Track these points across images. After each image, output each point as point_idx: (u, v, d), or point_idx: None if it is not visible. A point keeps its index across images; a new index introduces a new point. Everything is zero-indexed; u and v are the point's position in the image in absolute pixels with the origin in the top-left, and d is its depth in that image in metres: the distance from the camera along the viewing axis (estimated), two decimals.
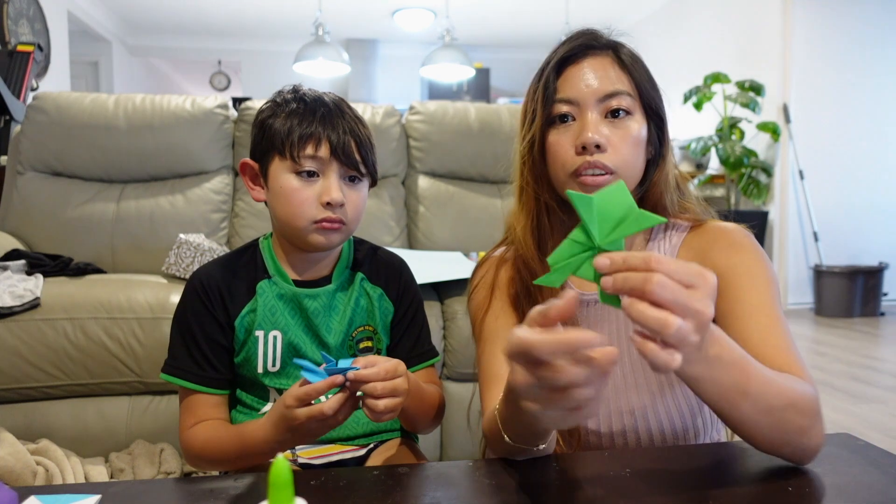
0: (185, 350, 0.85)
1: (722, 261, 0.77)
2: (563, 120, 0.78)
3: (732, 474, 0.67)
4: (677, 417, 0.81)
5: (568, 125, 0.78)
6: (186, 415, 0.85)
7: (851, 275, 4.27)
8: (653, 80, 0.82)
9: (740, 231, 0.81)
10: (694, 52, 5.60)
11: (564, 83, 0.79)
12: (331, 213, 0.82)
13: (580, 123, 0.77)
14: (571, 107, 0.78)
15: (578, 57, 0.80)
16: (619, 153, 0.77)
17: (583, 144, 0.76)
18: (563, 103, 0.78)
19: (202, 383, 0.84)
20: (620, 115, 0.78)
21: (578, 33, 0.82)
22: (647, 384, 0.82)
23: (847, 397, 2.49)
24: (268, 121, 0.85)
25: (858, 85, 4.61)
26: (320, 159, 0.82)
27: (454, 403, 1.61)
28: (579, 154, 0.76)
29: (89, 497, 0.60)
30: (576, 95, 0.78)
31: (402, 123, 2.19)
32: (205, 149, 2.04)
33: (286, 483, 0.35)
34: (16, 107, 2.70)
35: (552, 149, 0.79)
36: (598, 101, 0.77)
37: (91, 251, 1.89)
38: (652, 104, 0.81)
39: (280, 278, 0.89)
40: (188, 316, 0.86)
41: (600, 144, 0.75)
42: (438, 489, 0.64)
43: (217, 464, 0.83)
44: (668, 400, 0.81)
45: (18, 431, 1.40)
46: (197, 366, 0.85)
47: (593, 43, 0.81)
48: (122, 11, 6.48)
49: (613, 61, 0.80)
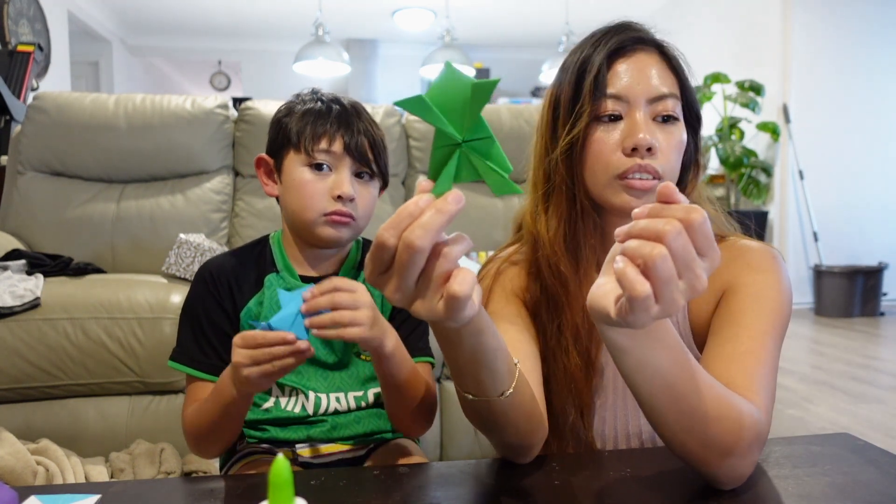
0: (193, 338, 0.86)
1: (736, 277, 0.73)
2: (611, 118, 0.72)
3: None
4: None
5: (615, 124, 0.72)
6: (188, 400, 0.86)
7: (851, 275, 4.27)
8: (692, 82, 0.78)
9: (767, 252, 0.75)
10: (694, 51, 5.53)
11: (613, 78, 0.72)
12: (341, 206, 0.84)
13: (629, 123, 0.71)
14: (620, 104, 0.72)
15: (628, 51, 0.73)
16: (668, 159, 0.72)
17: (634, 146, 0.70)
18: (613, 100, 0.72)
19: (208, 371, 0.85)
20: (670, 120, 0.73)
21: (620, 25, 0.76)
22: None
23: (847, 397, 2.49)
24: (284, 118, 0.88)
25: (858, 85, 4.61)
26: (333, 154, 0.85)
27: (454, 403, 1.61)
28: (628, 156, 0.71)
29: (89, 497, 0.60)
30: (627, 93, 0.72)
31: (402, 123, 2.20)
32: (205, 149, 2.04)
33: (286, 483, 0.35)
34: (16, 107, 2.70)
35: (596, 147, 0.72)
36: (648, 101, 0.72)
37: (91, 251, 1.90)
38: (694, 108, 0.77)
39: (287, 273, 0.90)
40: (196, 305, 0.88)
41: (652, 148, 0.70)
42: (438, 489, 0.64)
43: (208, 432, 0.81)
44: None
45: (18, 431, 1.40)
46: (203, 354, 0.86)
47: (642, 36, 0.75)
48: (122, 11, 6.48)
49: (661, 60, 0.75)
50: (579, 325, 0.76)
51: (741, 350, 0.66)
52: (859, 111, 4.61)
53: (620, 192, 0.71)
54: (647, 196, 0.70)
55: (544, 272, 0.78)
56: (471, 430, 1.61)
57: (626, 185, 0.70)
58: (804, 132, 4.54)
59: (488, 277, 0.84)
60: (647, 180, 0.70)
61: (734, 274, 0.73)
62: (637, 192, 0.70)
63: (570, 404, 0.77)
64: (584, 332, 0.77)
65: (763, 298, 0.70)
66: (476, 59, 7.14)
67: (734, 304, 0.71)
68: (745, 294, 0.71)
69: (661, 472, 0.66)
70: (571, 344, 0.76)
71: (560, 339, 0.77)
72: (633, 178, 0.70)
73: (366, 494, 0.62)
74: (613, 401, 0.79)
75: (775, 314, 0.70)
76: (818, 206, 4.56)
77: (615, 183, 0.71)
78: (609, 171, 0.72)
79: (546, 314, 0.78)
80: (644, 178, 0.70)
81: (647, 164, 0.70)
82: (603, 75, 0.72)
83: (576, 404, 0.77)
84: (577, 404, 0.77)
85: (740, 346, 0.67)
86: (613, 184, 0.72)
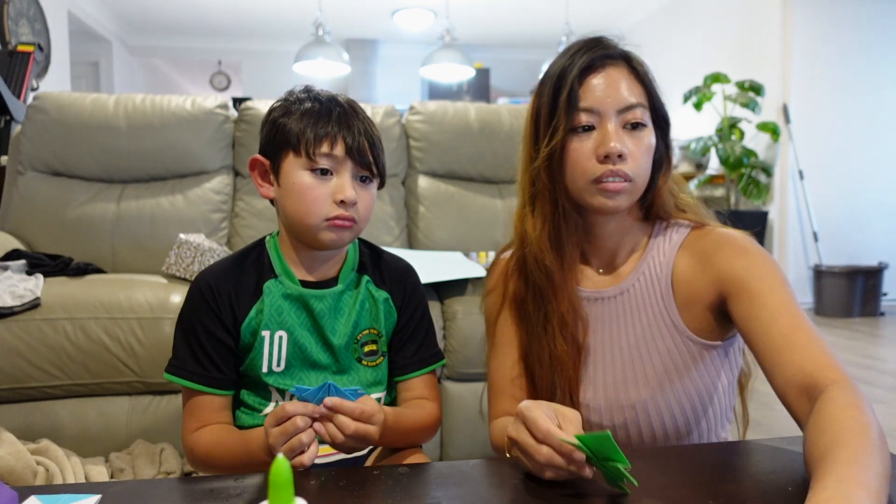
0: (189, 350, 0.85)
1: (729, 266, 0.78)
2: (585, 129, 0.81)
3: (733, 474, 0.67)
4: (679, 413, 0.83)
5: (589, 134, 0.81)
6: (190, 418, 0.85)
7: (851, 275, 4.27)
8: (658, 88, 0.85)
9: (745, 237, 0.82)
10: (694, 51, 5.60)
11: (585, 92, 0.81)
12: (343, 210, 0.83)
13: (601, 133, 0.80)
14: (592, 116, 0.81)
15: (597, 66, 0.82)
16: (638, 163, 0.81)
17: (606, 154, 0.79)
18: (585, 113, 0.81)
19: (206, 384, 0.84)
20: (638, 126, 0.81)
21: (591, 41, 0.84)
22: (646, 379, 0.84)
23: None
24: (281, 119, 0.86)
25: (858, 85, 4.60)
26: (335, 158, 0.83)
27: (454, 403, 1.61)
28: (601, 162, 0.80)
29: (89, 497, 0.60)
30: (598, 106, 0.80)
31: (402, 123, 2.20)
32: (205, 149, 2.04)
33: (286, 483, 0.35)
34: (16, 107, 2.70)
35: (573, 156, 0.81)
36: (618, 112, 0.80)
37: (91, 251, 1.89)
38: (661, 113, 0.85)
39: (287, 278, 0.89)
40: (193, 318, 0.86)
41: (623, 154, 0.79)
42: (438, 489, 0.64)
43: (222, 469, 0.83)
44: (668, 395, 0.83)
45: (18, 431, 1.40)
46: (200, 366, 0.84)
47: (610, 52, 0.83)
48: (122, 11, 6.48)
49: (629, 71, 0.83)
50: (565, 313, 0.86)
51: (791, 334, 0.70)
52: (859, 111, 4.61)
53: (596, 195, 0.81)
54: (619, 196, 0.80)
55: (531, 266, 0.87)
56: (471, 430, 1.62)
57: (602, 188, 0.80)
58: (804, 132, 4.54)
59: (497, 294, 0.95)
60: (620, 183, 0.80)
61: (726, 261, 0.79)
62: (610, 194, 0.80)
63: (558, 385, 0.87)
64: (570, 319, 0.86)
65: (770, 278, 0.76)
66: (476, 59, 7.14)
67: (754, 293, 0.75)
68: (754, 278, 0.76)
69: (662, 471, 0.66)
70: (558, 331, 0.86)
71: (546, 326, 0.86)
72: (607, 181, 0.79)
73: (366, 494, 0.62)
74: (602, 375, 0.87)
75: (787, 284, 0.76)
76: (818, 206, 4.56)
77: (591, 187, 0.81)
78: (586, 177, 0.81)
79: (532, 304, 0.88)
80: (616, 182, 0.79)
81: (619, 168, 0.79)
82: (575, 91, 0.81)
83: (562, 385, 0.87)
84: (565, 384, 0.87)
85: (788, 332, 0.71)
86: (590, 188, 0.81)
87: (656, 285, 0.85)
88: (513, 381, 0.91)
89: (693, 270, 0.83)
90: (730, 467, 0.69)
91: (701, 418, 0.84)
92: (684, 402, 0.83)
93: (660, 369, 0.83)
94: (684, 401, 0.83)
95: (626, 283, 0.87)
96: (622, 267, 0.89)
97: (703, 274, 0.81)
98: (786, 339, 0.70)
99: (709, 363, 0.83)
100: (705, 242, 0.84)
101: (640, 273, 0.87)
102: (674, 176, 0.90)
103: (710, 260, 0.81)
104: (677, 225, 0.88)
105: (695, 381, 0.83)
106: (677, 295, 0.84)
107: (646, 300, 0.86)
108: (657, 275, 0.85)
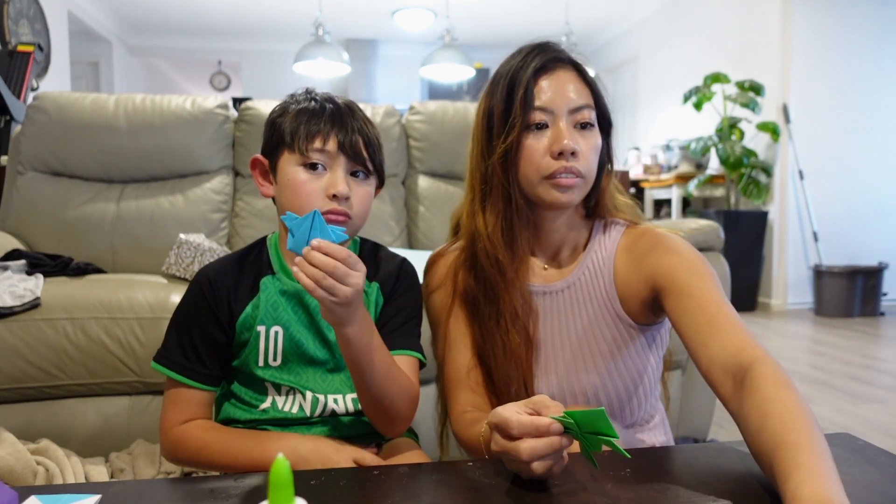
0: (178, 342, 0.87)
1: (661, 262, 0.84)
2: (539, 127, 0.85)
3: (731, 475, 0.67)
4: (623, 393, 0.90)
5: (542, 132, 0.85)
6: (172, 409, 0.86)
7: (851, 275, 4.27)
8: (604, 91, 0.91)
9: (677, 238, 0.88)
10: (693, 51, 5.60)
11: (539, 92, 0.85)
12: (336, 205, 0.84)
13: (555, 131, 0.84)
14: (546, 114, 0.85)
15: (549, 68, 0.86)
16: (588, 160, 0.86)
17: (561, 150, 0.83)
18: (540, 111, 0.85)
19: (189, 376, 0.86)
20: (587, 126, 0.86)
21: (540, 45, 0.89)
22: (594, 366, 0.90)
23: (847, 397, 2.49)
24: (278, 119, 0.88)
25: (858, 85, 4.60)
26: (328, 153, 0.84)
27: None
28: (555, 159, 0.84)
29: (89, 497, 0.60)
30: (551, 105, 0.85)
31: (402, 123, 2.20)
32: (205, 149, 2.04)
33: (286, 483, 0.35)
34: (16, 107, 2.70)
35: (527, 153, 0.85)
36: (570, 112, 0.85)
37: (91, 251, 1.89)
38: (606, 115, 0.90)
39: (284, 274, 0.90)
40: (188, 311, 0.88)
41: (575, 152, 0.83)
42: (438, 489, 0.64)
43: (209, 466, 0.85)
44: (614, 378, 0.90)
45: (18, 431, 1.40)
46: (186, 359, 0.86)
47: (560, 55, 0.88)
48: (122, 11, 6.48)
49: (576, 75, 0.88)
50: (517, 307, 0.89)
51: (714, 320, 0.75)
52: (859, 111, 4.61)
53: (550, 190, 0.85)
54: (571, 191, 0.85)
55: (482, 262, 0.89)
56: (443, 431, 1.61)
57: (555, 183, 0.84)
58: (804, 132, 4.54)
59: (445, 292, 0.96)
60: (572, 178, 0.84)
61: (659, 260, 0.85)
62: (563, 189, 0.84)
63: (513, 376, 0.89)
64: (521, 312, 0.89)
65: (697, 272, 0.81)
66: (476, 59, 7.13)
67: (681, 284, 0.80)
68: (682, 272, 0.81)
69: (660, 471, 0.66)
70: (510, 324, 0.89)
71: (499, 320, 0.89)
72: (561, 177, 0.84)
73: (366, 494, 0.62)
74: (555, 364, 0.91)
75: (713, 277, 0.81)
76: (818, 206, 4.56)
77: (545, 182, 0.85)
78: (540, 173, 0.85)
79: (483, 299, 0.90)
80: (569, 178, 0.84)
81: (572, 165, 0.83)
82: (531, 90, 0.85)
83: (517, 376, 0.89)
84: (520, 376, 0.90)
85: (711, 318, 0.75)
86: (544, 183, 0.85)
87: (600, 279, 0.91)
88: (468, 373, 0.92)
89: (630, 269, 0.89)
90: (728, 468, 0.69)
91: (633, 395, 0.91)
92: (626, 382, 0.90)
93: (606, 356, 0.90)
94: (626, 380, 0.90)
95: (571, 277, 0.92)
96: (566, 262, 0.94)
97: (640, 271, 0.87)
98: (710, 324, 0.75)
99: (644, 345, 0.91)
100: (640, 244, 0.89)
101: (584, 268, 0.92)
102: (614, 179, 0.96)
103: (645, 259, 0.87)
104: (615, 223, 0.94)
105: (634, 361, 0.90)
106: (618, 288, 0.90)
107: (590, 293, 0.91)
108: (600, 269, 0.91)
